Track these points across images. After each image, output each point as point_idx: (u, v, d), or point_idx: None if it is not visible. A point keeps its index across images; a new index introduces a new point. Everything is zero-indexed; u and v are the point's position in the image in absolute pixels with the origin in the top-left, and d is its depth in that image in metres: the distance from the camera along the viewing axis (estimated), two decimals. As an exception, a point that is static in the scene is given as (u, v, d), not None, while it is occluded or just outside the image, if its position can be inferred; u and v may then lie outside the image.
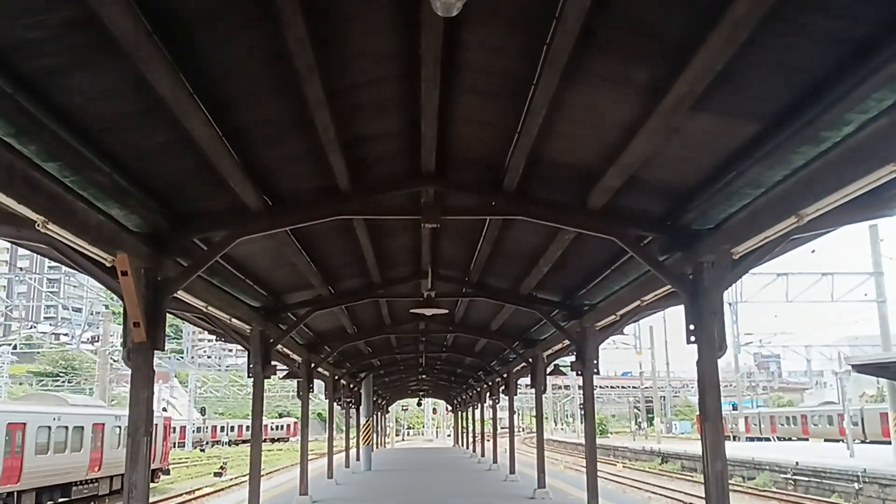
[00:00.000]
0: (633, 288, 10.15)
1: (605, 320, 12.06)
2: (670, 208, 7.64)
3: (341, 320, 16.75)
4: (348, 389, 28.11)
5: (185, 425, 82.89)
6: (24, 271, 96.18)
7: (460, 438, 53.29)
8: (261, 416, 12.63)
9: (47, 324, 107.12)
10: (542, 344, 17.35)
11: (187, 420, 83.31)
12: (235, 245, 8.60)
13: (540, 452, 18.15)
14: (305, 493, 17.82)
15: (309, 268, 11.05)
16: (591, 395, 12.95)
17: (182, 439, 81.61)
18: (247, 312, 11.61)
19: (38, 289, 73.10)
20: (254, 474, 12.46)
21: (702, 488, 24.45)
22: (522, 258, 11.31)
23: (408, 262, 12.51)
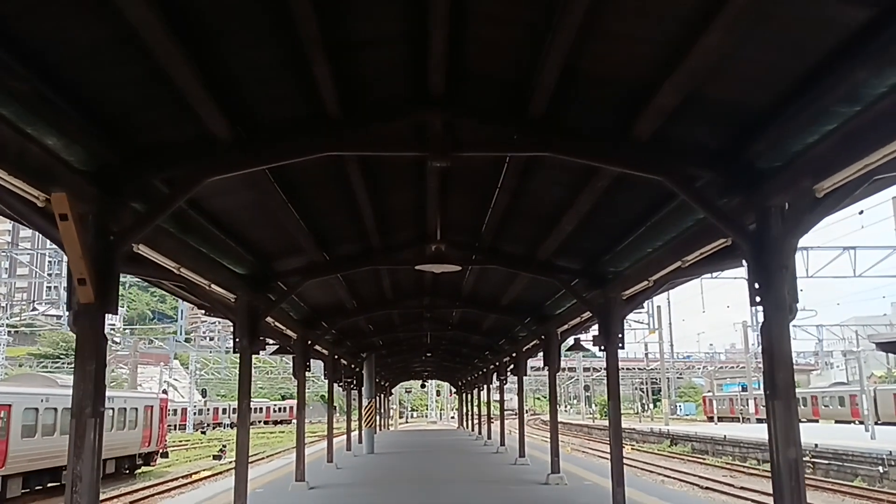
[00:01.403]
0: (672, 247, 8.77)
1: (633, 288, 10.69)
2: (732, 139, 6.26)
3: (339, 293, 15.42)
4: (349, 370, 26.84)
5: (185, 407, 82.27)
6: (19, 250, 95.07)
7: (465, 421, 52.20)
8: (248, 396, 11.32)
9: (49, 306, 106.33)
10: (557, 319, 16.01)
11: (188, 402, 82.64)
12: (207, 190, 7.30)
13: (554, 435, 16.87)
14: (302, 479, 16.59)
15: (299, 227, 9.67)
16: (616, 374, 11.62)
17: (183, 421, 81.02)
18: (230, 279, 10.26)
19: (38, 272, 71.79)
20: (240, 460, 11.18)
21: (715, 471, 23.15)
22: (542, 217, 9.92)
23: (411, 223, 11.12)
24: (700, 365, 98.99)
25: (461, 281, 15.61)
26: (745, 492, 25.95)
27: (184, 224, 8.02)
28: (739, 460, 37.23)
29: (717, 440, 42.10)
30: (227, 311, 11.32)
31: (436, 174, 7.81)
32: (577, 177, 8.02)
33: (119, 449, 32.95)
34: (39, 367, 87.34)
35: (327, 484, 17.55)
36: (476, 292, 16.55)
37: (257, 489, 17.05)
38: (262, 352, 11.54)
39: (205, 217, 8.44)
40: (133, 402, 35.08)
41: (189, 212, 8.02)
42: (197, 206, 8.10)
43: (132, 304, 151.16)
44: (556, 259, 11.67)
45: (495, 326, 21.48)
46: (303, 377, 16.77)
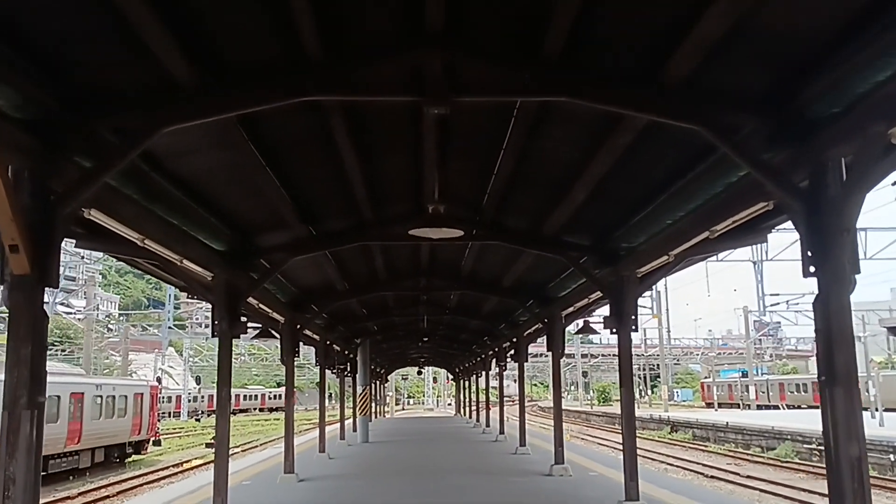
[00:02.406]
0: (698, 216, 7.81)
1: (650, 265, 9.74)
2: (783, 80, 5.31)
3: (329, 274, 14.46)
4: (343, 356, 25.94)
5: (180, 394, 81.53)
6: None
7: (462, 408, 51.43)
8: (229, 384, 10.38)
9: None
10: (561, 302, 15.09)
11: (182, 389, 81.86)
12: (172, 147, 6.35)
13: (558, 424, 15.97)
14: (291, 471, 15.68)
15: (280, 196, 8.69)
16: (629, 358, 10.69)
17: (178, 409, 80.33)
18: (205, 255, 9.29)
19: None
20: (220, 452, 10.24)
21: (718, 459, 22.20)
22: (551, 184, 8.95)
23: (406, 193, 10.14)
24: (699, 351, 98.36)
25: (460, 260, 14.66)
26: (751, 480, 25.29)
27: (148, 189, 7.05)
28: (743, 447, 36.54)
29: (719, 427, 41.39)
30: (206, 292, 10.36)
31: (433, 129, 6.78)
32: (594, 133, 7.04)
33: (108, 437, 32.12)
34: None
35: (318, 476, 16.65)
36: (475, 273, 15.59)
37: (244, 481, 16.19)
38: (244, 335, 10.56)
39: (172, 182, 7.46)
40: (122, 389, 34.21)
41: (153, 175, 7.04)
42: (161, 169, 7.12)
43: (127, 291, 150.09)
44: (564, 234, 10.72)
45: (495, 310, 20.54)
46: (291, 363, 15.83)
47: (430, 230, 7.50)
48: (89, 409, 29.92)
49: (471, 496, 13.81)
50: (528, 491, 14.06)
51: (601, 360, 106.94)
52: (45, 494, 24.16)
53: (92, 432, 30.08)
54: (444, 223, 7.37)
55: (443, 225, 7.32)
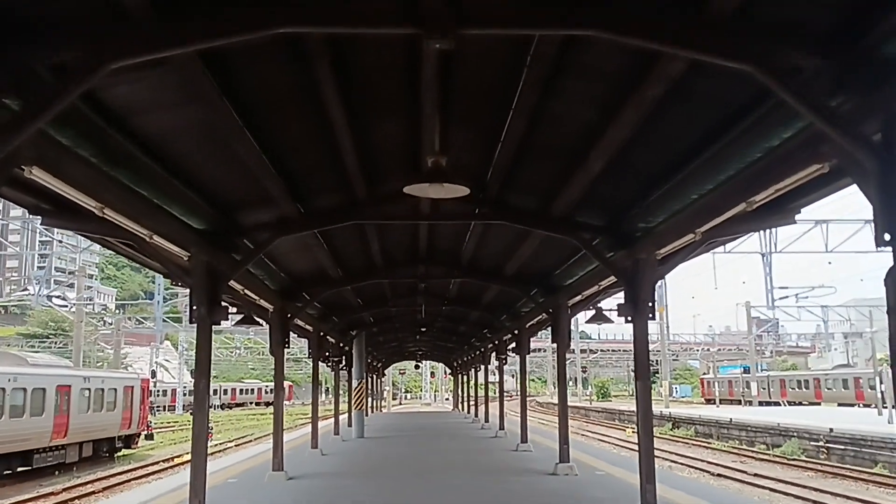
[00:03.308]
0: (734, 186, 6.89)
1: (671, 245, 8.83)
2: (852, 12, 4.42)
3: (321, 260, 13.55)
4: (337, 348, 25.03)
5: (175, 388, 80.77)
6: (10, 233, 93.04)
7: (460, 402, 50.61)
8: (207, 375, 9.49)
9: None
10: (568, 290, 14.19)
11: (177, 382, 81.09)
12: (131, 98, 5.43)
13: (563, 421, 15.07)
14: (280, 469, 14.78)
15: (263, 166, 7.73)
16: (646, 350, 9.77)
17: (173, 402, 79.60)
18: (180, 232, 8.38)
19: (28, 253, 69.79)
20: (197, 450, 9.33)
21: (723, 456, 21.18)
22: (565, 153, 8.02)
23: (403, 165, 9.23)
24: (698, 347, 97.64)
25: (460, 246, 13.75)
26: (759, 479, 24.55)
27: (107, 151, 6.13)
28: (747, 444, 35.80)
29: (722, 423, 40.64)
30: (184, 275, 9.44)
31: (434, 72, 5.80)
32: (619, 86, 6.11)
33: (97, 431, 31.26)
34: (27, 347, 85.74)
35: (308, 473, 15.76)
36: (477, 259, 14.66)
37: (230, 479, 15.32)
38: (237, 327, 9.64)
39: (136, 144, 6.53)
40: (111, 382, 33.28)
41: (113, 134, 6.11)
42: (123, 127, 6.20)
43: (124, 284, 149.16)
44: (576, 214, 9.80)
45: (497, 300, 19.62)
46: (281, 354, 14.94)
47: (429, 187, 6.35)
48: (76, 402, 29.03)
49: (470, 497, 12.93)
50: (533, 492, 13.17)
51: (600, 355, 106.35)
52: (28, 490, 23.36)
53: (79, 426, 29.21)
54: (446, 178, 6.33)
55: (445, 180, 6.28)
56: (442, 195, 6.78)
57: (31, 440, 25.70)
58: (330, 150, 7.95)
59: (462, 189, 6.57)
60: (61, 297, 78.91)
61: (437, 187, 6.32)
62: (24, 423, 25.16)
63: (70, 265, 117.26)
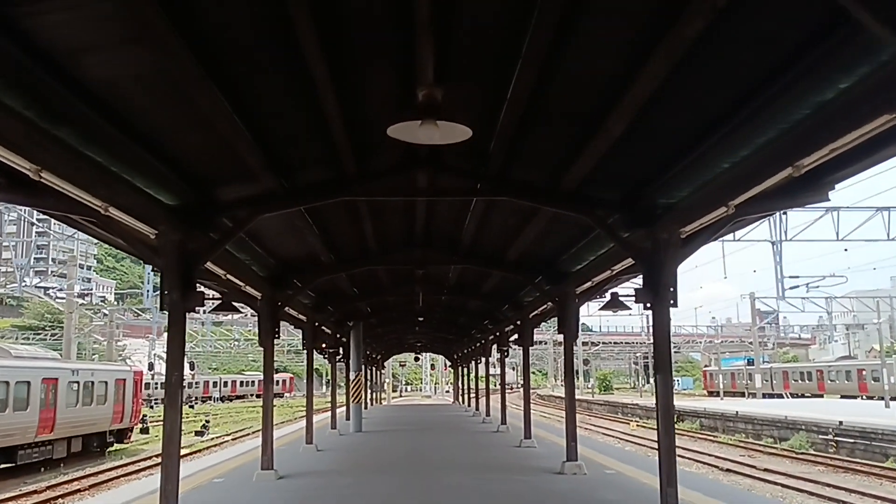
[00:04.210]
0: (777, 150, 5.94)
1: (698, 221, 7.84)
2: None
3: (312, 243, 12.58)
4: (334, 339, 24.08)
5: (173, 381, 80.00)
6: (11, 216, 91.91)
7: (460, 395, 49.73)
8: (180, 367, 8.52)
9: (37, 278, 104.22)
10: (576, 277, 13.24)
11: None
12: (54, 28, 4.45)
13: (571, 416, 14.13)
14: (269, 467, 13.86)
15: (236, 130, 6.71)
16: (667, 340, 8.81)
17: (172, 395, 78.82)
18: (143, 205, 7.41)
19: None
20: (168, 451, 8.36)
21: (730, 450, 20.17)
22: (580, 117, 7.04)
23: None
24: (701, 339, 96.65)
25: (460, 229, 12.77)
26: (769, 474, 23.76)
27: (42, 102, 5.17)
28: (753, 438, 34.98)
29: (727, 416, 39.80)
30: (153, 255, 8.47)
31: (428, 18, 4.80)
32: (649, 26, 5.15)
33: (87, 426, 30.34)
34: (22, 339, 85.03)
35: (300, 472, 14.83)
36: (477, 243, 13.66)
37: (217, 478, 14.41)
38: (201, 308, 8.65)
39: (79, 95, 5.55)
40: (102, 374, 32.32)
41: (47, 81, 5.14)
42: (60, 74, 5.22)
43: (123, 276, 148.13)
44: (588, 188, 8.80)
45: (498, 289, 18.64)
46: (270, 345, 14.00)
47: (420, 128, 5.02)
48: (64, 395, 28.10)
49: (473, 499, 11.99)
50: (540, 493, 12.24)
51: (602, 347, 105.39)
52: (11, 488, 22.45)
53: (67, 420, 28.30)
54: (442, 115, 5.13)
55: (440, 117, 5.07)
56: (436, 139, 5.44)
57: (14, 436, 24.77)
58: (313, 114, 6.97)
59: (463, 130, 5.37)
60: (60, 290, 77.91)
61: (430, 128, 5.11)
62: (7, 418, 24.24)
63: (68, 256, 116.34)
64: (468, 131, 4.89)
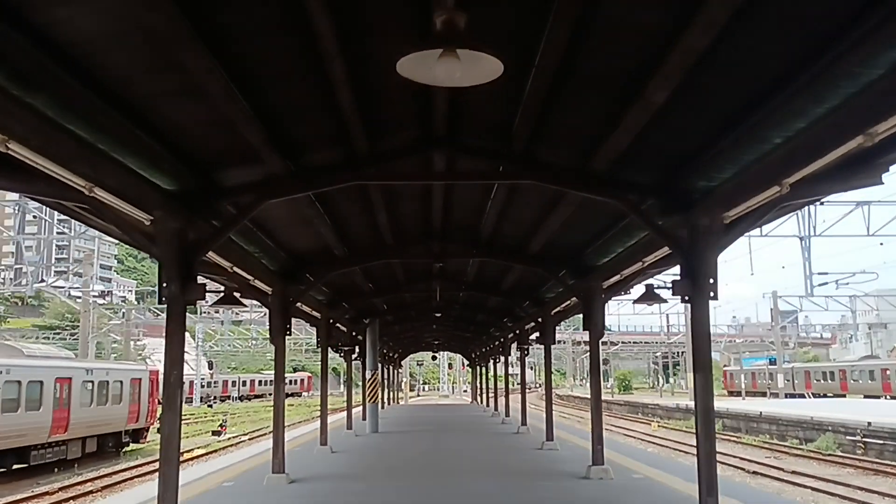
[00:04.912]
0: (843, 117, 5.20)
1: (745, 204, 7.10)
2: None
3: (323, 235, 11.93)
4: (349, 337, 23.45)
5: (192, 380, 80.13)
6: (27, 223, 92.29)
7: (479, 395, 49.00)
8: (180, 366, 7.89)
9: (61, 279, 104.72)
10: (602, 270, 12.49)
11: (195, 374, 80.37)
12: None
13: (597, 418, 13.35)
14: (280, 471, 13.22)
15: (230, 97, 6.06)
16: (706, 336, 8.07)
17: (190, 394, 79.02)
18: (139, 189, 6.77)
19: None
20: (167, 457, 7.71)
21: (754, 452, 19.01)
22: (616, 83, 6.33)
23: (413, 110, 7.58)
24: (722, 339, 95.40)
25: (479, 219, 12.08)
26: (797, 476, 22.84)
27: (8, 64, 4.54)
28: (778, 438, 34.08)
29: (751, 417, 38.89)
30: (149, 244, 7.84)
31: None
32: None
33: (102, 426, 29.95)
34: (42, 339, 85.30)
35: (313, 475, 14.18)
36: (498, 235, 12.94)
37: (226, 482, 13.81)
38: (210, 306, 8.01)
39: (52, 55, 4.90)
40: (117, 374, 31.92)
41: (16, 36, 4.50)
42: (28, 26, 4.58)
43: (144, 276, 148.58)
44: (620, 170, 8.07)
45: (519, 284, 17.91)
46: (282, 342, 13.35)
47: (437, 61, 3.78)
48: (78, 395, 27.72)
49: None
50: (566, 500, 11.51)
51: (621, 346, 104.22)
52: (24, 488, 21.99)
53: (82, 420, 27.91)
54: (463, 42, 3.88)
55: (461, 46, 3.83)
56: (457, 78, 4.15)
57: (27, 436, 24.38)
58: (318, 79, 6.29)
59: (491, 64, 4.04)
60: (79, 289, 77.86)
61: (450, 62, 3.91)
62: (19, 418, 23.86)
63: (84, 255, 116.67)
64: (498, 65, 3.90)
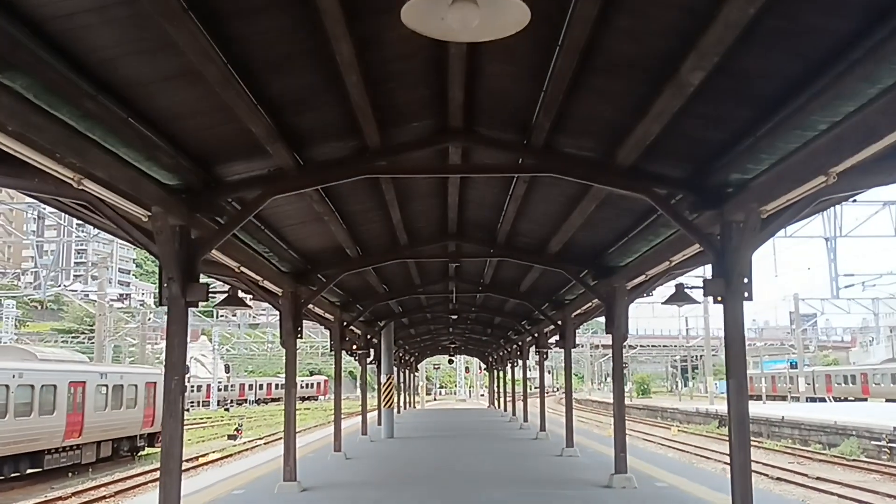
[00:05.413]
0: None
1: (786, 196, 6.57)
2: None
3: (335, 234, 11.48)
4: (364, 340, 23.02)
5: (209, 383, 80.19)
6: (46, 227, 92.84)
7: (496, 399, 48.43)
8: (181, 371, 7.46)
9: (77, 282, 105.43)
10: (626, 271, 11.96)
11: (212, 377, 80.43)
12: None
13: (620, 425, 12.79)
14: (292, 478, 12.78)
15: (227, 80, 5.59)
16: (742, 338, 7.54)
17: (208, 398, 79.10)
18: (132, 180, 6.33)
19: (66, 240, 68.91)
20: (167, 468, 7.29)
21: (777, 457, 18.15)
22: (646, 64, 5.85)
23: (427, 98, 7.13)
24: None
25: (497, 217, 11.60)
26: (822, 482, 22.17)
27: None
28: (800, 443, 33.31)
29: (773, 421, 38.07)
30: (149, 242, 7.42)
31: None
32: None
33: (116, 430, 29.67)
34: (61, 342, 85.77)
35: (326, 483, 13.72)
36: (516, 234, 12.45)
37: (236, 490, 13.39)
38: (202, 301, 7.58)
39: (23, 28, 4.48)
40: (132, 377, 31.64)
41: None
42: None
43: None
44: (648, 162, 7.56)
45: (538, 286, 17.39)
46: (293, 345, 12.93)
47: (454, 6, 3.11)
48: (92, 399, 27.46)
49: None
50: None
51: (640, 350, 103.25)
52: (37, 493, 21.72)
53: (96, 424, 27.65)
54: None
55: None
56: (474, 30, 3.34)
57: (40, 440, 24.13)
58: (323, 60, 5.85)
59: (517, 10, 3.29)
60: (97, 293, 78.01)
61: (466, 6, 3.16)
62: (33, 423, 23.61)
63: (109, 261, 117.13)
64: (525, 12, 3.17)
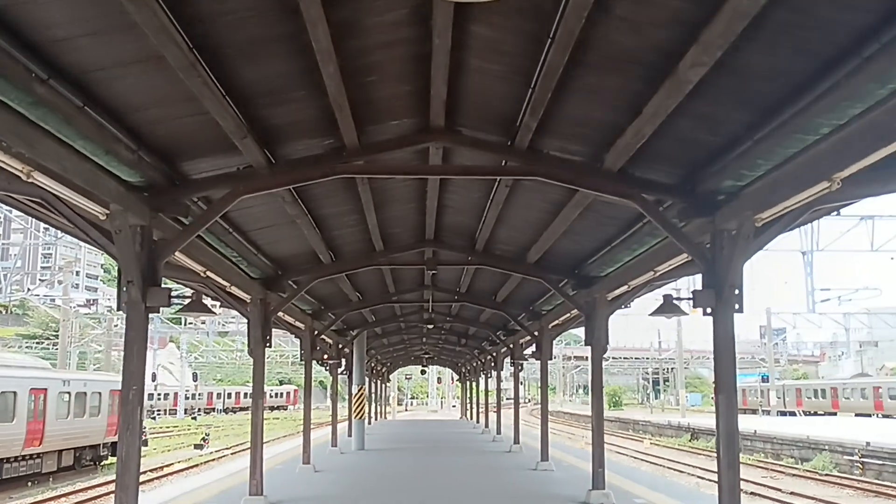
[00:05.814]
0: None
1: (785, 203, 6.22)
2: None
3: (308, 238, 11.02)
4: (335, 349, 22.50)
5: (176, 391, 78.92)
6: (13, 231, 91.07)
7: (468, 410, 47.99)
8: (140, 381, 6.98)
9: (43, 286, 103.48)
10: (605, 282, 11.65)
11: (179, 386, 79.16)
12: None
13: (598, 439, 12.45)
14: (258, 493, 12.25)
15: (187, 61, 5.13)
16: (731, 352, 7.22)
17: (175, 406, 77.84)
18: (88, 176, 5.87)
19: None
20: (124, 481, 6.79)
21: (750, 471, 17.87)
22: (643, 60, 5.52)
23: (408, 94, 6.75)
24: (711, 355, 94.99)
25: (476, 223, 11.23)
26: (796, 497, 22.22)
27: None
28: (773, 458, 33.28)
29: (745, 435, 38.00)
30: (108, 242, 6.93)
31: None
32: None
33: (78, 438, 28.80)
34: (26, 348, 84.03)
35: (293, 497, 13.19)
36: (495, 240, 12.08)
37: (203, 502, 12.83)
38: (165, 307, 7.09)
39: None
40: (96, 385, 30.78)
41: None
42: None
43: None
44: (637, 166, 7.23)
45: (515, 295, 17.03)
46: (261, 354, 12.42)
47: None
48: (54, 406, 26.59)
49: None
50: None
51: (611, 362, 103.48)
52: (-7, 505, 20.95)
53: (57, 433, 26.79)
54: None
55: None
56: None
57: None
58: (300, 56, 5.45)
59: None
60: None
61: None
62: (-10, 431, 22.82)
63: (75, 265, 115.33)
64: None
